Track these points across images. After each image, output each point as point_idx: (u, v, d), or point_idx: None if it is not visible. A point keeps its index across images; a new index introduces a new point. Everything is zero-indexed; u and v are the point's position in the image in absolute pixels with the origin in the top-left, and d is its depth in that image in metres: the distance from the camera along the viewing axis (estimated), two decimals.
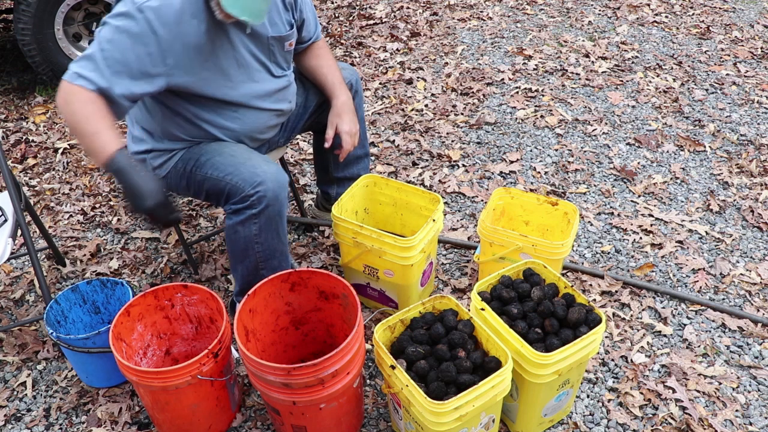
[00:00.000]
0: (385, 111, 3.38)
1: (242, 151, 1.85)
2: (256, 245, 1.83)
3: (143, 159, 1.92)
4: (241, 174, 1.76)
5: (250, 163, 1.79)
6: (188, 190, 1.94)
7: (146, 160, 1.92)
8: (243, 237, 1.82)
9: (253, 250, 1.85)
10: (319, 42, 2.11)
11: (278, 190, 1.76)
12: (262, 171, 1.75)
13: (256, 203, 1.75)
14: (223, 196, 1.83)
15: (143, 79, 1.63)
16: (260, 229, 1.80)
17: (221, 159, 1.82)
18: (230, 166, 1.80)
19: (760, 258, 2.39)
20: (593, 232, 2.54)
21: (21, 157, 3.13)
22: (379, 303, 2.19)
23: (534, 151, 3.02)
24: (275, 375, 1.49)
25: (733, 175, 2.83)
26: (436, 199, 2.11)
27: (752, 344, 2.06)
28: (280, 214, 1.81)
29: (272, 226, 1.81)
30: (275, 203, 1.77)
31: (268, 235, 1.82)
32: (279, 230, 1.84)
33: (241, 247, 1.84)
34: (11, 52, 4.17)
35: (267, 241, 1.84)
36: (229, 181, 1.78)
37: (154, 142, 1.91)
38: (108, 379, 1.95)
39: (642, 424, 1.82)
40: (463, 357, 1.61)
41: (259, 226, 1.79)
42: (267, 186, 1.74)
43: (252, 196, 1.74)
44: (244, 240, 1.82)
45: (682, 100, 3.37)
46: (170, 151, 1.91)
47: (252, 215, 1.76)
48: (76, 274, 2.42)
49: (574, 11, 4.43)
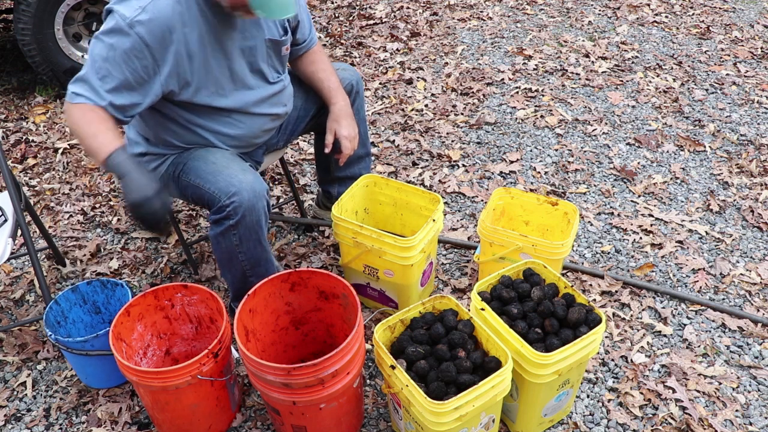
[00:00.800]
0: (385, 111, 3.38)
1: (223, 159, 1.83)
2: (239, 254, 1.84)
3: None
4: (218, 183, 1.76)
5: (227, 172, 1.77)
6: (178, 194, 1.95)
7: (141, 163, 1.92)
8: (225, 247, 1.82)
9: (237, 259, 1.85)
10: (314, 48, 2.10)
11: (254, 200, 1.74)
12: (237, 181, 1.74)
13: (232, 214, 1.73)
14: (205, 204, 1.83)
15: (141, 90, 1.65)
16: (240, 240, 1.79)
17: (204, 166, 1.82)
18: (210, 174, 1.79)
19: (760, 258, 2.39)
20: (593, 232, 2.54)
21: (21, 157, 3.13)
22: (379, 303, 2.19)
23: (534, 151, 3.02)
24: (275, 375, 1.49)
25: (733, 175, 2.83)
26: (436, 199, 2.11)
27: (752, 344, 2.06)
28: (259, 223, 1.79)
29: (252, 235, 1.80)
30: (251, 213, 1.75)
31: (249, 245, 1.82)
32: (260, 239, 1.83)
33: (226, 256, 1.85)
34: (11, 52, 4.17)
35: (249, 251, 1.84)
36: (207, 189, 1.78)
37: (149, 146, 1.92)
38: (107, 380, 1.95)
39: (642, 424, 1.82)
40: (463, 357, 1.61)
41: (239, 237, 1.78)
42: (242, 196, 1.72)
43: (228, 206, 1.73)
44: (226, 250, 1.83)
45: (682, 100, 3.37)
46: (163, 156, 1.92)
47: (230, 226, 1.76)
48: (76, 274, 2.42)
49: (574, 11, 4.43)
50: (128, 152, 1.64)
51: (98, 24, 3.47)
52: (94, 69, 1.60)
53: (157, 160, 1.92)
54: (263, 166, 2.18)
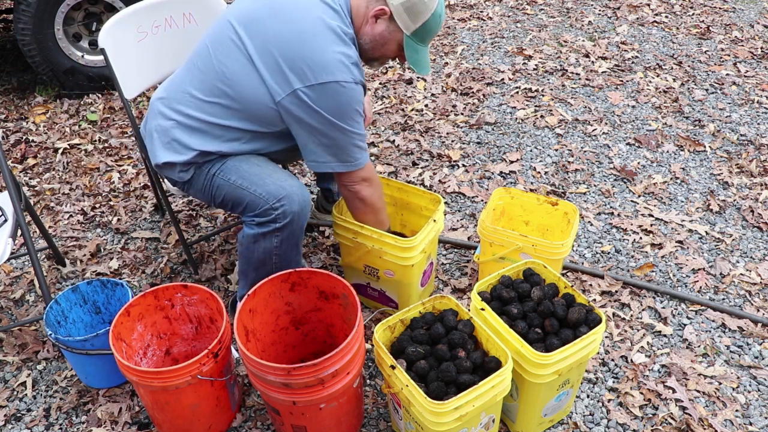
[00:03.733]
0: (385, 111, 3.38)
1: (268, 164, 1.84)
2: (274, 257, 1.84)
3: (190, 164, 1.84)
4: (267, 186, 1.75)
5: (276, 176, 1.78)
6: (204, 194, 1.89)
7: (176, 164, 1.84)
8: (263, 248, 1.82)
9: (270, 261, 1.85)
10: None
11: (303, 204, 1.77)
12: (289, 185, 1.75)
13: (280, 217, 1.75)
14: (242, 206, 1.81)
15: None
16: (281, 242, 1.81)
17: (247, 167, 1.81)
18: (255, 176, 1.78)
19: (760, 258, 2.39)
20: (593, 232, 2.54)
21: (21, 157, 3.13)
22: (379, 303, 2.19)
23: (534, 151, 3.02)
24: (275, 375, 1.49)
25: (733, 175, 2.83)
26: (436, 199, 2.11)
27: (752, 344, 2.06)
28: (302, 228, 1.82)
29: (293, 240, 1.82)
30: (299, 219, 1.77)
31: (288, 248, 1.83)
32: (298, 243, 1.86)
33: (260, 257, 1.85)
34: (11, 52, 4.17)
35: (285, 254, 1.85)
36: (253, 191, 1.77)
37: (197, 156, 1.82)
38: (107, 380, 1.95)
39: (642, 424, 1.82)
40: (463, 357, 1.61)
41: (281, 239, 1.80)
42: (293, 200, 1.74)
43: (276, 209, 1.74)
44: (263, 251, 1.83)
45: (682, 100, 3.37)
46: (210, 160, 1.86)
47: (276, 229, 1.77)
48: (76, 274, 2.42)
49: (574, 11, 4.43)
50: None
51: (98, 24, 3.47)
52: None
53: (196, 165, 1.86)
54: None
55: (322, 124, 1.67)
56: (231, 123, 1.77)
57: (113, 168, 3.03)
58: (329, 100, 1.63)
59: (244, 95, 1.71)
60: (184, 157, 1.81)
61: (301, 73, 1.61)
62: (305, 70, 1.61)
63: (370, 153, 3.02)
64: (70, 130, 3.33)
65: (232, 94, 1.73)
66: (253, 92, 1.70)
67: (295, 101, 1.65)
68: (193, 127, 1.80)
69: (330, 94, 1.62)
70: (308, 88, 1.62)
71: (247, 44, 1.68)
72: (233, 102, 1.74)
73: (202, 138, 1.80)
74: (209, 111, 1.77)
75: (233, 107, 1.75)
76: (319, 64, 1.60)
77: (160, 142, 1.85)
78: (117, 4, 3.42)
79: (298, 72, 1.62)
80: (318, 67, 1.60)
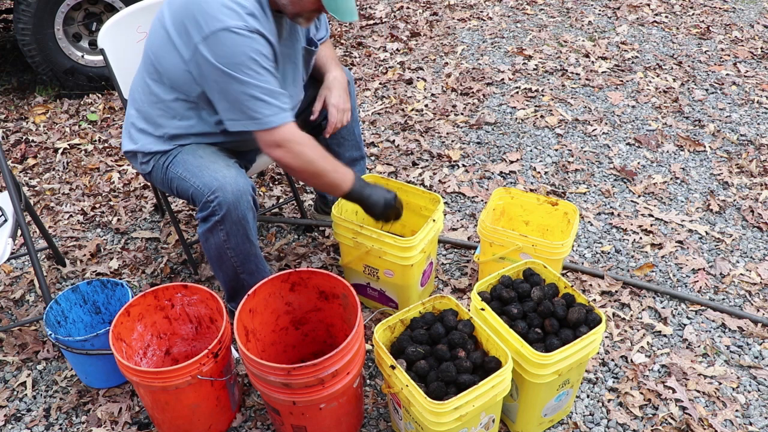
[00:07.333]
0: (385, 111, 3.38)
1: (210, 154, 1.83)
2: (228, 251, 1.83)
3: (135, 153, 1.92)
4: (204, 178, 1.75)
5: (214, 167, 1.77)
6: (164, 186, 1.93)
7: (137, 154, 1.91)
8: (214, 245, 1.82)
9: (226, 255, 1.85)
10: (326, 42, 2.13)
11: (237, 194, 1.73)
12: (221, 176, 1.73)
13: (217, 209, 1.73)
14: (189, 199, 1.83)
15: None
16: (227, 235, 1.79)
17: (192, 159, 1.81)
18: (197, 168, 1.79)
19: (760, 258, 2.39)
20: (593, 232, 2.54)
21: (21, 157, 3.13)
22: (379, 303, 2.19)
23: (534, 151, 3.02)
24: (275, 375, 1.49)
25: (733, 175, 2.83)
26: (436, 199, 2.11)
27: (752, 344, 2.06)
28: (245, 218, 1.77)
29: (239, 230, 1.79)
30: (236, 209, 1.74)
31: (238, 240, 1.81)
32: (247, 234, 1.82)
33: (215, 254, 1.85)
34: (11, 52, 4.17)
35: (238, 246, 1.83)
36: (193, 183, 1.78)
37: (150, 141, 1.89)
38: (107, 379, 1.95)
39: (642, 424, 1.82)
40: (463, 357, 1.61)
41: (226, 232, 1.78)
42: (226, 190, 1.71)
43: (212, 201, 1.73)
44: (215, 247, 1.83)
45: (682, 100, 3.37)
46: (163, 152, 1.90)
47: (216, 222, 1.76)
48: (76, 274, 2.42)
49: (574, 11, 4.43)
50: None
51: (98, 24, 3.47)
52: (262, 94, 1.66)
53: (155, 155, 1.90)
54: (257, 166, 2.18)
55: (221, 76, 1.64)
56: (164, 95, 1.80)
57: (113, 168, 3.03)
58: (223, 47, 1.61)
59: (165, 66, 1.75)
60: (135, 146, 1.89)
61: (196, 26, 1.62)
62: (199, 21, 1.61)
63: (371, 153, 3.02)
64: (70, 130, 3.33)
65: (160, 69, 1.77)
66: (170, 59, 1.72)
67: (197, 58, 1.65)
68: (142, 111, 1.87)
69: (223, 41, 1.61)
70: (204, 40, 1.61)
71: (165, 17, 1.72)
72: (161, 76, 1.78)
73: (147, 121, 1.87)
74: (151, 91, 1.82)
75: (163, 81, 1.79)
76: (209, 13, 1.61)
77: (125, 131, 1.95)
78: (117, 4, 3.42)
79: (194, 25, 1.63)
80: (207, 16, 1.60)
